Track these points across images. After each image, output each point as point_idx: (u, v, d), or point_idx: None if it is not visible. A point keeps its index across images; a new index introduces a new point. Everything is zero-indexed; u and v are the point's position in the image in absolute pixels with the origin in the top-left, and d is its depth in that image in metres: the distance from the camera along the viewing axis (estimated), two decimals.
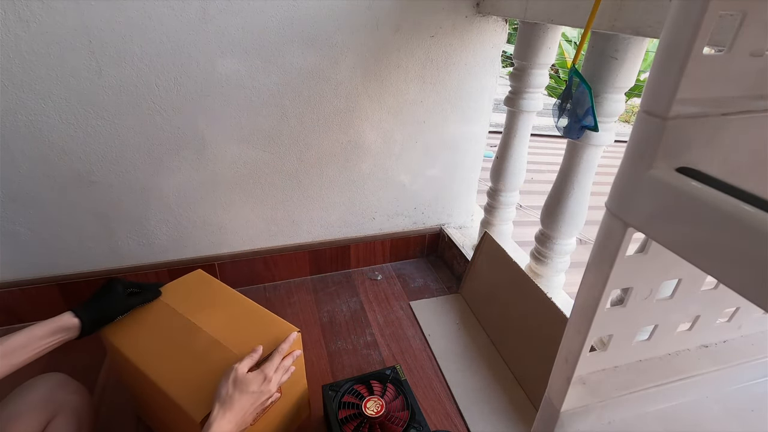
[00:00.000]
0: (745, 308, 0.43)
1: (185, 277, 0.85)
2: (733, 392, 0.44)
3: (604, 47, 0.72)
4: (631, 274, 0.33)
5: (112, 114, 0.90)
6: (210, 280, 0.85)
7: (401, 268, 1.34)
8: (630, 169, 0.29)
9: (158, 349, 0.69)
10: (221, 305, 0.78)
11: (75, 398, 0.66)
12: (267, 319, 0.76)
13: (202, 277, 0.85)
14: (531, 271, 1.02)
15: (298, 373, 0.76)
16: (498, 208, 1.17)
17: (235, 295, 0.81)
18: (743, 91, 0.28)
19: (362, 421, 0.72)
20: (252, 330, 0.73)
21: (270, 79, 0.96)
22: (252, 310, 0.78)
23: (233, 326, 0.73)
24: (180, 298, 0.78)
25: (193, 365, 0.66)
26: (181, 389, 0.63)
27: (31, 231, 0.97)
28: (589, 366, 0.40)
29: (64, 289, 1.05)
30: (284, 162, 1.08)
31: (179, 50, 0.88)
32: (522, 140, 1.07)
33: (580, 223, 0.90)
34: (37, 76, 0.82)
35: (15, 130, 0.86)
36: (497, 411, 0.87)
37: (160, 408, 0.72)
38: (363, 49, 1.00)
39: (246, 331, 0.73)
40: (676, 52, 0.25)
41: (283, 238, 1.19)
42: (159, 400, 0.67)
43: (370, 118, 1.09)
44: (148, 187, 1.00)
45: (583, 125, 0.73)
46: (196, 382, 0.63)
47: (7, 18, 0.77)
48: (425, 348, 1.03)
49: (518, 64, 0.99)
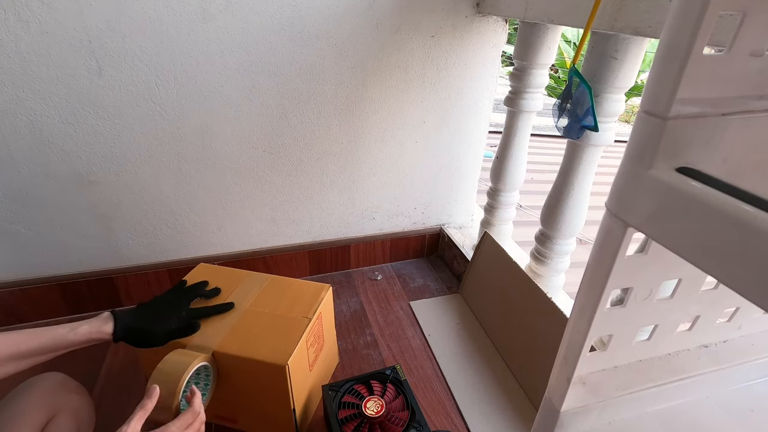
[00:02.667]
0: (745, 308, 0.43)
1: (191, 274, 0.86)
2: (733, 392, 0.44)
3: (604, 47, 0.72)
4: (631, 274, 0.33)
5: (112, 114, 0.90)
6: (217, 268, 0.89)
7: (401, 268, 1.34)
8: (630, 169, 0.29)
9: (222, 337, 0.72)
10: (244, 285, 0.83)
11: (75, 398, 0.66)
12: (295, 285, 0.85)
13: (208, 269, 0.88)
14: (531, 271, 1.02)
15: (329, 325, 0.87)
16: (498, 208, 1.17)
17: (250, 274, 0.87)
18: (743, 91, 0.27)
19: (362, 421, 0.71)
20: (289, 296, 0.81)
21: (270, 79, 0.96)
22: (276, 281, 0.85)
23: (271, 299, 0.81)
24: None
25: (260, 336, 0.73)
26: (261, 350, 0.70)
27: (31, 231, 0.97)
28: (589, 366, 0.40)
29: (64, 289, 1.05)
30: (284, 162, 1.08)
31: (179, 50, 0.88)
32: (522, 140, 1.07)
33: (580, 223, 0.90)
34: (37, 76, 0.82)
35: (15, 130, 0.86)
36: (497, 411, 0.87)
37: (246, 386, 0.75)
38: (363, 49, 1.00)
39: (285, 299, 0.81)
40: (676, 52, 0.24)
41: (283, 238, 1.20)
42: (242, 378, 0.72)
43: (370, 118, 1.09)
44: (148, 187, 1.00)
45: (583, 125, 0.73)
46: (272, 344, 0.71)
47: (7, 18, 0.77)
48: (425, 348, 1.03)
49: (518, 64, 0.99)
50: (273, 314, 0.78)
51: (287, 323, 0.76)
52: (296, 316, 0.77)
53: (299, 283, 0.86)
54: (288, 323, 0.76)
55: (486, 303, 1.10)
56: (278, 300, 0.81)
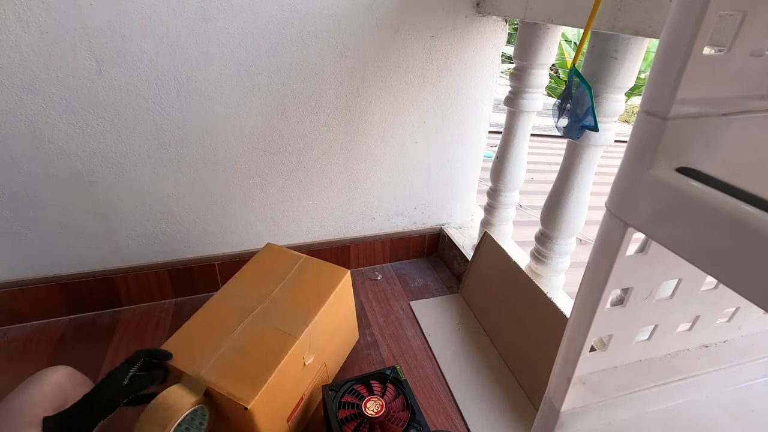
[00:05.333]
0: (745, 308, 0.43)
1: (259, 254, 0.92)
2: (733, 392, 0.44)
3: (604, 47, 0.72)
4: (631, 274, 0.33)
5: (112, 114, 0.90)
6: (281, 249, 0.94)
7: (401, 268, 1.34)
8: (630, 169, 0.29)
9: (211, 363, 0.69)
10: (264, 274, 0.86)
11: (81, 390, 0.67)
12: (314, 264, 0.88)
13: (274, 248, 0.94)
14: (531, 271, 1.02)
15: (349, 308, 0.91)
16: (498, 208, 1.17)
17: (299, 259, 0.90)
18: (743, 91, 0.28)
19: (362, 421, 0.71)
20: (311, 282, 0.84)
21: (270, 79, 0.96)
22: (305, 263, 0.89)
23: (297, 287, 0.83)
24: (228, 296, 0.83)
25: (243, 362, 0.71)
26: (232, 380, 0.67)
27: (31, 231, 0.97)
28: (589, 366, 0.40)
29: (64, 289, 1.05)
30: (284, 162, 1.08)
31: (179, 50, 0.88)
32: (522, 140, 1.07)
33: (580, 223, 0.90)
34: (37, 76, 0.82)
35: (15, 130, 0.86)
36: (497, 411, 0.87)
37: None
38: (363, 49, 1.00)
39: (307, 286, 0.83)
40: (676, 52, 0.24)
41: (283, 238, 1.19)
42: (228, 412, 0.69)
43: (370, 118, 1.09)
44: (148, 187, 1.00)
45: (583, 125, 0.73)
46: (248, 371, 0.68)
47: (7, 18, 0.77)
48: (425, 348, 1.03)
49: (518, 64, 0.99)
50: (271, 328, 0.74)
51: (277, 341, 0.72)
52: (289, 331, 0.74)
53: (317, 264, 0.89)
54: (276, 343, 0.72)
55: (486, 303, 1.10)
56: (306, 289, 0.82)
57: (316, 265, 0.89)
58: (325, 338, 0.82)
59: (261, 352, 0.70)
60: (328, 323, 0.82)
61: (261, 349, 0.70)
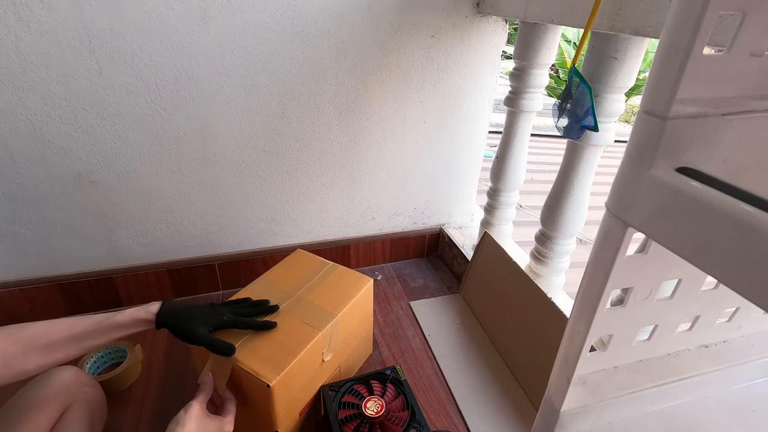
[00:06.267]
0: (745, 308, 0.43)
1: (288, 259, 0.93)
2: (733, 392, 0.44)
3: (604, 47, 0.72)
4: (631, 274, 0.33)
5: (112, 114, 0.90)
6: (309, 256, 0.95)
7: (401, 268, 1.34)
8: (630, 169, 0.29)
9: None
10: (291, 276, 0.88)
11: (88, 390, 0.68)
12: (340, 270, 0.90)
13: (303, 254, 0.95)
14: (531, 271, 1.02)
15: (367, 316, 0.92)
16: (498, 208, 1.17)
17: (325, 266, 0.92)
18: (743, 91, 0.27)
19: (362, 421, 0.71)
20: (336, 286, 0.86)
21: (270, 79, 0.96)
22: (331, 270, 0.90)
23: (322, 289, 0.85)
24: (255, 291, 0.84)
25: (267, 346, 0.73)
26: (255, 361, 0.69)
27: (31, 231, 0.97)
28: (589, 366, 0.40)
29: (64, 289, 1.05)
30: (284, 162, 1.08)
31: (179, 50, 0.88)
32: (522, 140, 1.07)
33: (580, 223, 0.90)
34: (37, 76, 0.82)
35: (15, 130, 0.86)
36: (497, 411, 0.87)
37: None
38: (363, 49, 1.00)
39: (332, 289, 0.85)
40: (676, 52, 0.24)
41: (283, 238, 1.19)
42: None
43: (370, 118, 1.09)
44: (148, 187, 1.00)
45: (583, 125, 0.73)
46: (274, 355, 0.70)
47: (7, 18, 0.77)
48: (425, 348, 1.03)
49: (518, 64, 0.99)
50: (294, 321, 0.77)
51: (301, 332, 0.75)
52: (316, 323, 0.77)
53: (341, 271, 0.91)
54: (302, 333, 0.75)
55: (486, 303, 1.10)
56: (329, 293, 0.84)
57: (341, 271, 0.91)
58: (343, 340, 0.83)
59: (285, 339, 0.72)
60: (347, 326, 0.83)
61: (285, 337, 0.73)
